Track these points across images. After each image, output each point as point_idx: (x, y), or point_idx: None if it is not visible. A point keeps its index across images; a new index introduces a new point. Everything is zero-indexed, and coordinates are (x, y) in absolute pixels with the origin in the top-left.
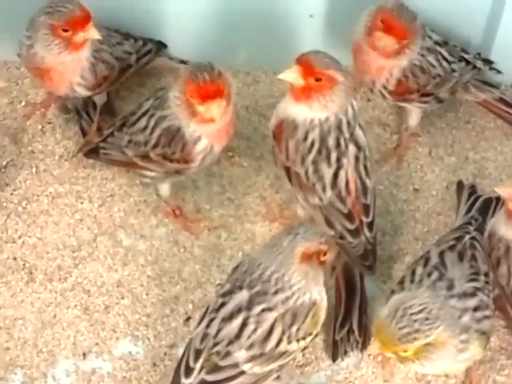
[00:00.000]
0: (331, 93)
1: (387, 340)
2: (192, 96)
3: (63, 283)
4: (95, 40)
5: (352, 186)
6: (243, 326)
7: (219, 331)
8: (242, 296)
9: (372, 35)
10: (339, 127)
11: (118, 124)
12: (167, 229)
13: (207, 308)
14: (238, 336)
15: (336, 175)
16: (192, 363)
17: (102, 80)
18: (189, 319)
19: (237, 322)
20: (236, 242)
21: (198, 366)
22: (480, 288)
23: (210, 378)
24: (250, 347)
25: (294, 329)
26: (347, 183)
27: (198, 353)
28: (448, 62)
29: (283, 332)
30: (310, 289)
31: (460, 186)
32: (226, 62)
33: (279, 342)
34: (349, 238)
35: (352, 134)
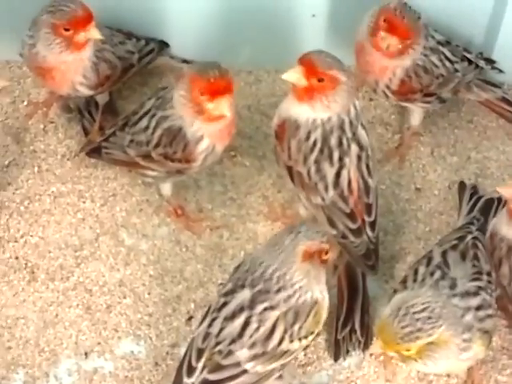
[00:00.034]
0: (334, 93)
1: (390, 339)
2: (202, 93)
3: (65, 282)
4: (97, 39)
5: (354, 186)
6: (245, 324)
7: (221, 330)
8: (244, 295)
9: (375, 35)
10: (342, 127)
11: (120, 123)
12: (169, 228)
13: (209, 307)
14: (240, 335)
15: (338, 175)
16: (194, 362)
17: (104, 79)
18: (191, 319)
19: (239, 321)
20: (238, 241)
21: (200, 365)
22: (483, 287)
23: (212, 377)
24: (252, 346)
25: (296, 327)
26: (349, 183)
27: (200, 352)
28: (451, 62)
29: (285, 331)
30: (312, 287)
31: (462, 187)
32: (228, 62)
33: (281, 340)
34: (351, 238)
35: (354, 133)
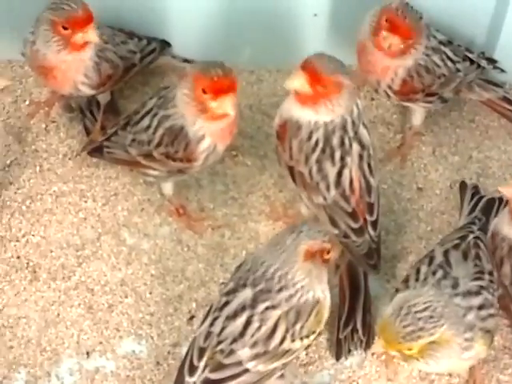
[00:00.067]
0: (338, 97)
1: (391, 338)
2: (205, 91)
3: (67, 282)
4: (99, 39)
5: (356, 185)
6: (247, 324)
7: (223, 329)
8: (245, 294)
9: (377, 35)
10: (344, 127)
11: (121, 123)
12: (171, 228)
13: (211, 307)
14: (241, 334)
15: (340, 174)
16: (196, 361)
17: (106, 79)
18: (192, 318)
19: (241, 320)
20: (240, 240)
21: (202, 364)
22: (484, 287)
23: (214, 376)
24: (254, 345)
25: (297, 327)
26: (351, 182)
27: (202, 351)
28: (453, 62)
29: (287, 330)
30: (314, 287)
31: (463, 187)
32: (230, 61)
33: (283, 339)
34: (353, 237)
35: (356, 132)
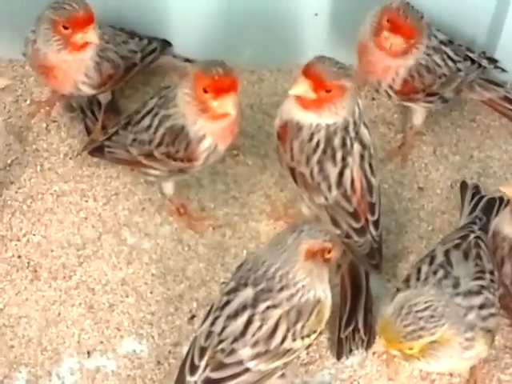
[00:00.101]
0: (341, 100)
1: (392, 337)
2: (206, 91)
3: (68, 281)
4: (101, 39)
5: (357, 185)
6: (248, 323)
7: (224, 329)
8: (246, 293)
9: (379, 35)
10: (346, 128)
11: (122, 122)
12: (172, 227)
13: (212, 306)
14: (242, 333)
15: (341, 174)
16: (197, 361)
17: (106, 79)
18: (193, 317)
19: (242, 320)
20: (240, 240)
21: (203, 363)
22: (485, 286)
23: (215, 375)
24: (255, 344)
25: (298, 326)
26: (352, 182)
27: (203, 350)
28: (453, 62)
29: (288, 329)
30: (315, 286)
31: (464, 186)
32: (231, 61)
33: (284, 339)
34: (355, 237)
35: (357, 132)
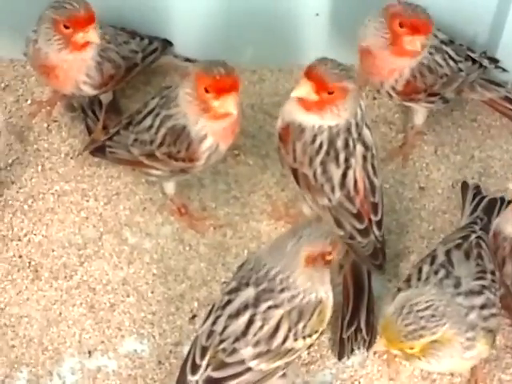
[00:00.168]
0: (344, 102)
1: (393, 337)
2: (208, 90)
3: (69, 281)
4: (102, 39)
5: (360, 186)
6: (250, 322)
7: (225, 328)
8: (248, 293)
9: (398, 44)
10: (348, 129)
11: (123, 122)
12: (173, 227)
13: (213, 305)
14: (244, 333)
15: (344, 175)
16: (198, 360)
17: (108, 79)
18: (194, 317)
19: (243, 319)
20: (241, 240)
21: (205, 363)
22: (487, 286)
23: (217, 374)
24: (257, 344)
25: (300, 326)
26: (355, 183)
27: (204, 350)
28: (455, 62)
29: (289, 329)
30: (316, 289)
31: (465, 187)
32: (232, 60)
33: (285, 339)
34: (358, 238)
35: (360, 134)
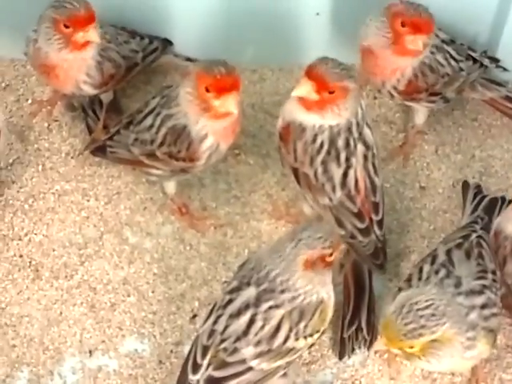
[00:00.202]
0: (345, 101)
1: (393, 336)
2: (208, 90)
3: (69, 281)
4: (102, 39)
5: (361, 185)
6: (251, 322)
7: (226, 328)
8: (249, 293)
9: (400, 43)
10: (349, 129)
11: (124, 122)
12: (173, 226)
13: (214, 305)
14: (245, 332)
15: (345, 175)
16: (199, 359)
17: (108, 78)
18: (195, 317)
19: (244, 319)
20: (242, 239)
21: (206, 362)
22: (487, 286)
23: (218, 374)
24: (258, 344)
25: (301, 326)
26: (356, 182)
27: (206, 349)
28: (456, 61)
29: (290, 329)
30: (317, 290)
31: (465, 186)
32: (233, 60)
33: (286, 338)
34: (359, 237)
35: (360, 133)
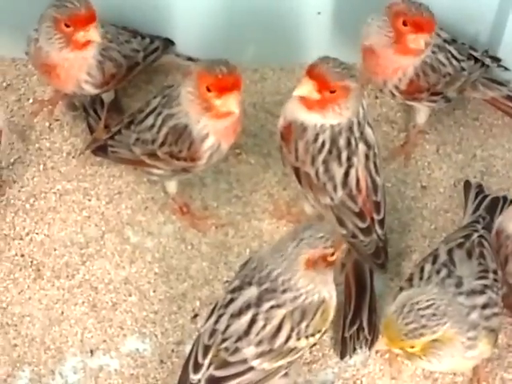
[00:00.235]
0: (346, 101)
1: (394, 335)
2: (210, 89)
3: (71, 280)
4: (103, 38)
5: (363, 184)
6: (252, 322)
7: (228, 327)
8: (251, 292)
9: (402, 42)
10: (350, 128)
11: (125, 122)
12: (174, 226)
13: (215, 304)
14: (246, 332)
15: (347, 174)
16: (200, 359)
17: (109, 78)
18: (196, 316)
19: (246, 319)
20: (243, 239)
21: (207, 361)
22: (489, 286)
23: (219, 373)
24: (259, 343)
25: (303, 325)
26: (358, 182)
27: (207, 349)
28: (457, 61)
29: (292, 329)
30: (319, 290)
31: (467, 186)
32: (234, 59)
33: (288, 338)
34: (361, 237)
35: (362, 132)
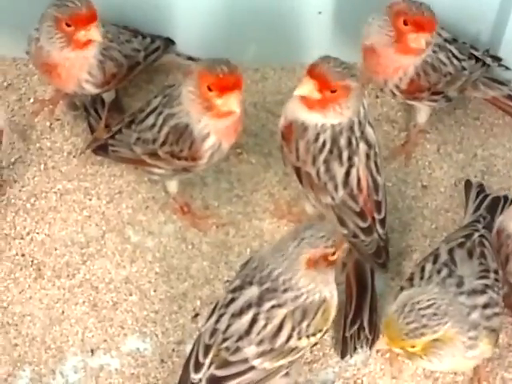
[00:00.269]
0: (346, 100)
1: (395, 335)
2: (211, 88)
3: (71, 280)
4: (104, 38)
5: (364, 184)
6: (253, 321)
7: (229, 327)
8: (252, 292)
9: (402, 41)
10: (351, 127)
11: (126, 121)
12: (175, 225)
13: (216, 303)
14: (247, 332)
15: (348, 174)
16: (201, 358)
17: (110, 77)
18: (197, 316)
19: (247, 318)
20: (244, 238)
21: (208, 361)
22: (489, 285)
23: (220, 373)
24: (260, 343)
25: (304, 325)
26: (359, 181)
27: (208, 348)
28: (458, 60)
29: (293, 328)
30: (320, 289)
31: (468, 185)
32: (234, 59)
33: (289, 338)
34: (362, 237)
35: (363, 132)
